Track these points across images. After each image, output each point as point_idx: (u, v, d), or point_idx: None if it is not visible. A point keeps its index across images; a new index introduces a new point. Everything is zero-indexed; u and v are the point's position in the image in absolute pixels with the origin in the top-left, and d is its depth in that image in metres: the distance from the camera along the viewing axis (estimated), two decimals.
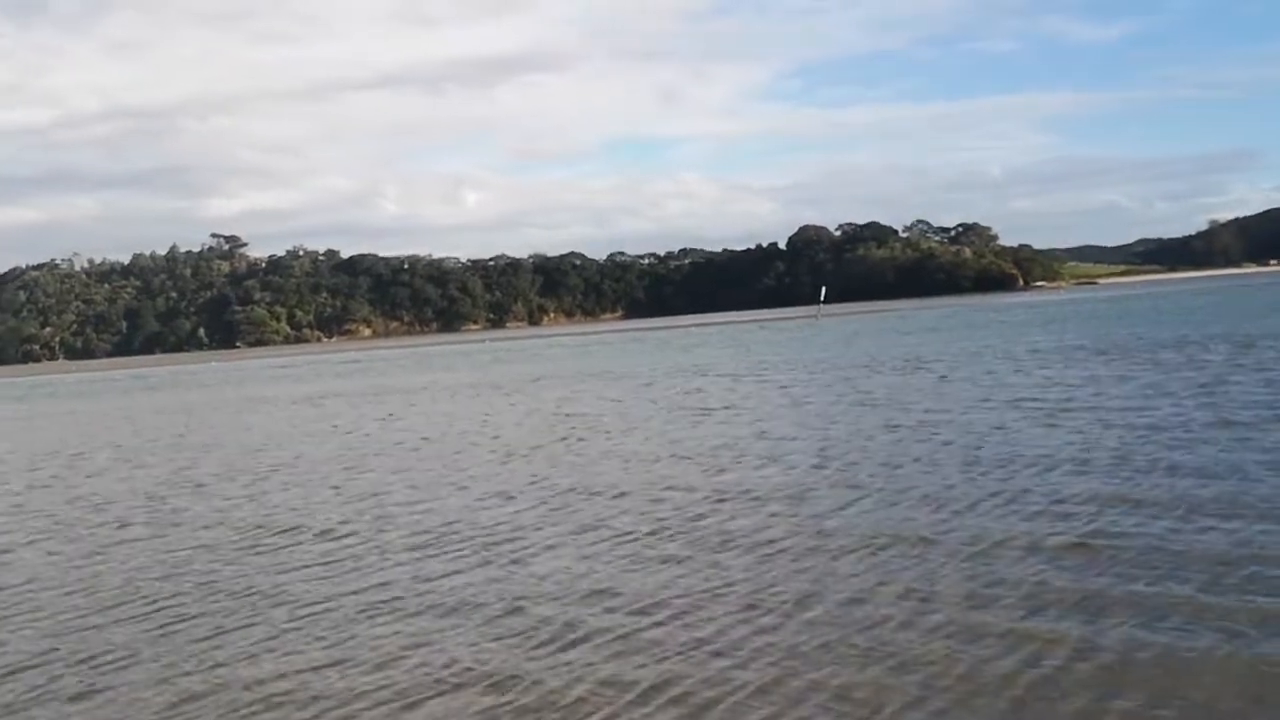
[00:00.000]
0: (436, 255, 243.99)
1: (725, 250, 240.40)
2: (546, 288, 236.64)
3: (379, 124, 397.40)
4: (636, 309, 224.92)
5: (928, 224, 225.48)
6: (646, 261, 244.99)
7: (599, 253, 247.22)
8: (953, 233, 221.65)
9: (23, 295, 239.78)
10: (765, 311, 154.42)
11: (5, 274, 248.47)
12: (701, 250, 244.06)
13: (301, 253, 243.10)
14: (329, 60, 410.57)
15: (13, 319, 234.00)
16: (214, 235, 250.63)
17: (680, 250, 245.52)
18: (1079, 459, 14.02)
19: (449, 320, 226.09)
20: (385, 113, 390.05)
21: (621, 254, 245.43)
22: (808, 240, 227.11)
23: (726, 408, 25.03)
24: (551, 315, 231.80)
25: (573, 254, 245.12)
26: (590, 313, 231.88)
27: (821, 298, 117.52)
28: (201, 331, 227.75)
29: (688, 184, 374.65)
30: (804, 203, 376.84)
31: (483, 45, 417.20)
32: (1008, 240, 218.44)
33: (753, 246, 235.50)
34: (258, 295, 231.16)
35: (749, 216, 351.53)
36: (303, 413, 34.25)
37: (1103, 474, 13.09)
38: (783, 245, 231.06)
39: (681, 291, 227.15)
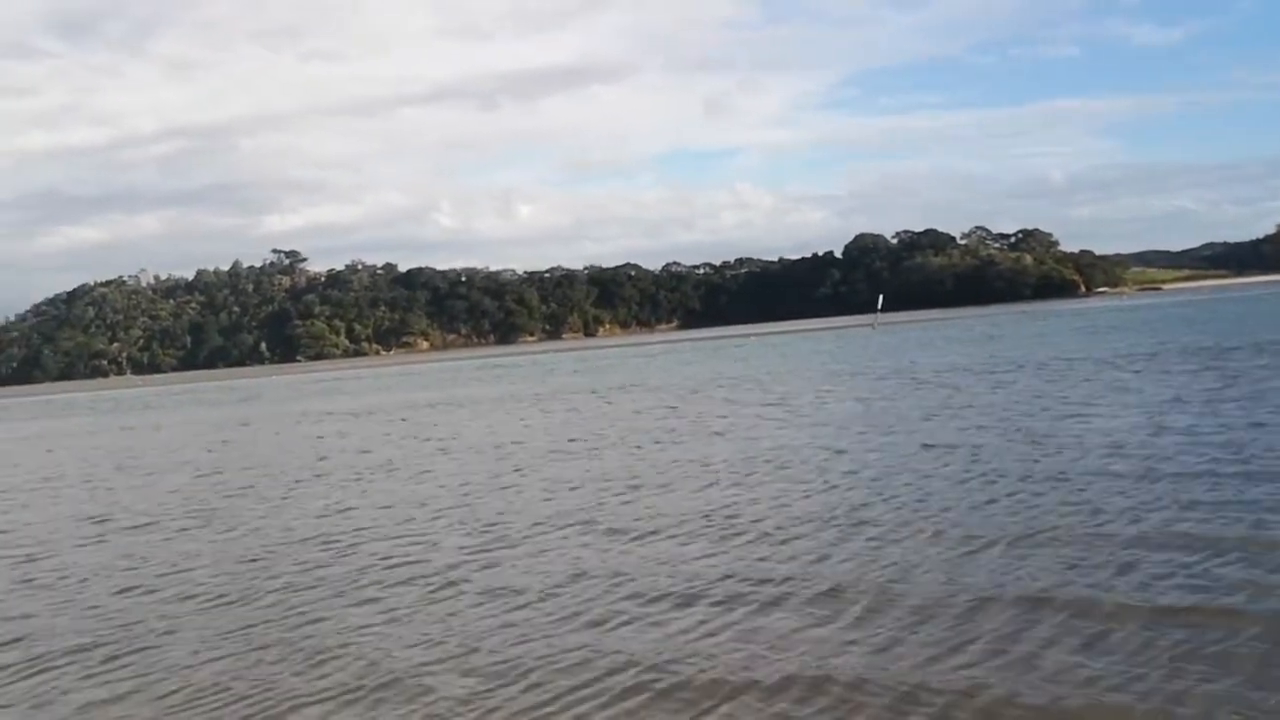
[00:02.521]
0: (492, 268, 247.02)
1: (781, 260, 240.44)
2: (602, 299, 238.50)
3: (433, 139, 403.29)
4: (692, 319, 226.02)
5: (987, 231, 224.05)
6: (702, 272, 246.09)
7: (653, 264, 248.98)
8: (1013, 239, 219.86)
9: (92, 311, 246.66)
10: (822, 320, 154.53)
11: (75, 291, 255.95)
12: (757, 260, 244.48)
13: (360, 267, 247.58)
14: (383, 76, 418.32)
15: (82, 335, 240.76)
16: (275, 251, 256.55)
17: (736, 260, 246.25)
18: None
19: (505, 332, 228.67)
20: (439, 127, 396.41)
21: (676, 264, 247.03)
22: (864, 248, 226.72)
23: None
24: (607, 326, 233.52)
25: (628, 265, 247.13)
26: (645, 323, 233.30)
27: (879, 306, 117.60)
28: (263, 346, 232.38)
29: (742, 194, 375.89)
30: (860, 211, 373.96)
31: (535, 58, 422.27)
32: (1071, 246, 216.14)
33: (808, 256, 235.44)
34: (317, 309, 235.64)
35: (804, 226, 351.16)
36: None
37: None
38: (839, 254, 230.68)
39: (737, 301, 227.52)
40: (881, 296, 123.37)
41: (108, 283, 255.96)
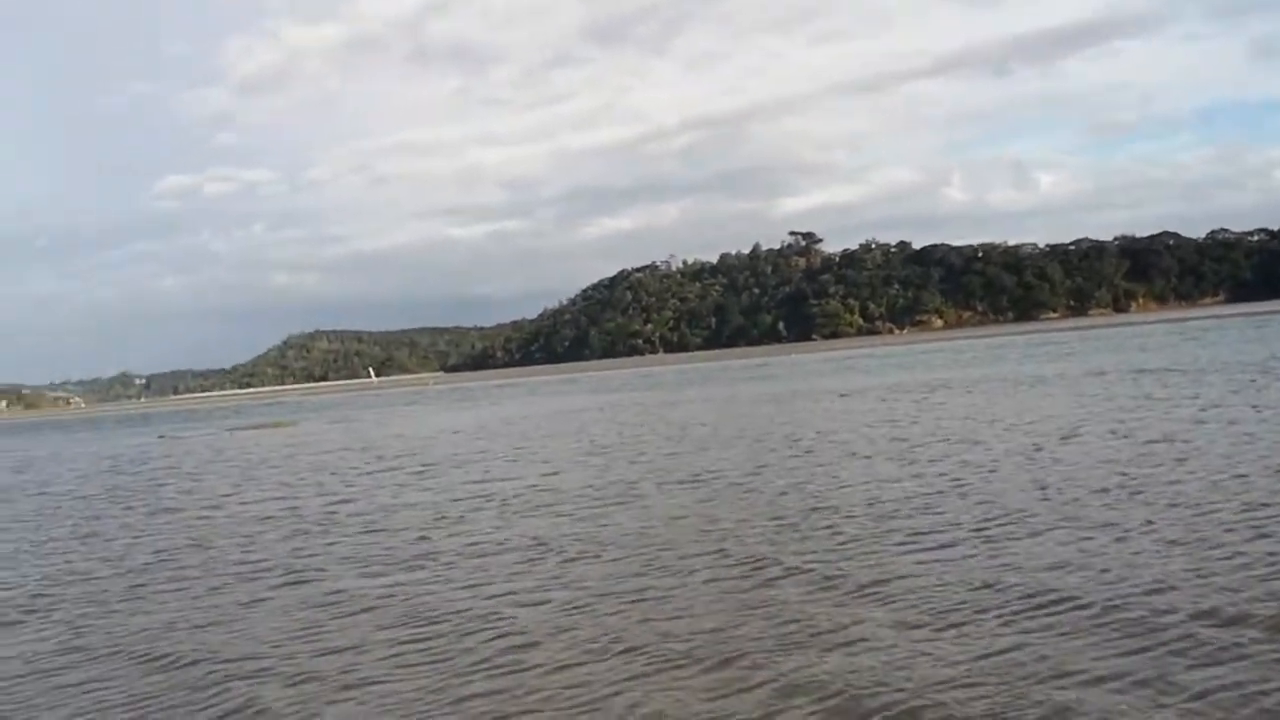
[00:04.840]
0: (1010, 242, 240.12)
1: None
2: (1134, 272, 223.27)
3: (941, 111, 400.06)
4: (1243, 292, 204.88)
5: None
6: (1255, 238, 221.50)
7: (1195, 231, 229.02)
8: None
9: (629, 295, 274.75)
10: None
11: (615, 276, 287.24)
12: None
13: (874, 246, 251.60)
14: (888, 52, 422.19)
15: (621, 316, 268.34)
16: (792, 233, 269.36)
17: None
18: None
19: (1025, 309, 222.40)
20: (947, 99, 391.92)
21: (1224, 231, 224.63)
22: None
23: None
24: (1140, 301, 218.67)
25: (1164, 233, 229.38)
26: (1186, 297, 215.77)
27: None
28: (780, 325, 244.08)
29: None
30: None
31: (1051, 18, 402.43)
32: None
33: None
34: (832, 289, 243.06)
35: None
36: None
37: None
38: None
39: None
40: None
41: (642, 268, 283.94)
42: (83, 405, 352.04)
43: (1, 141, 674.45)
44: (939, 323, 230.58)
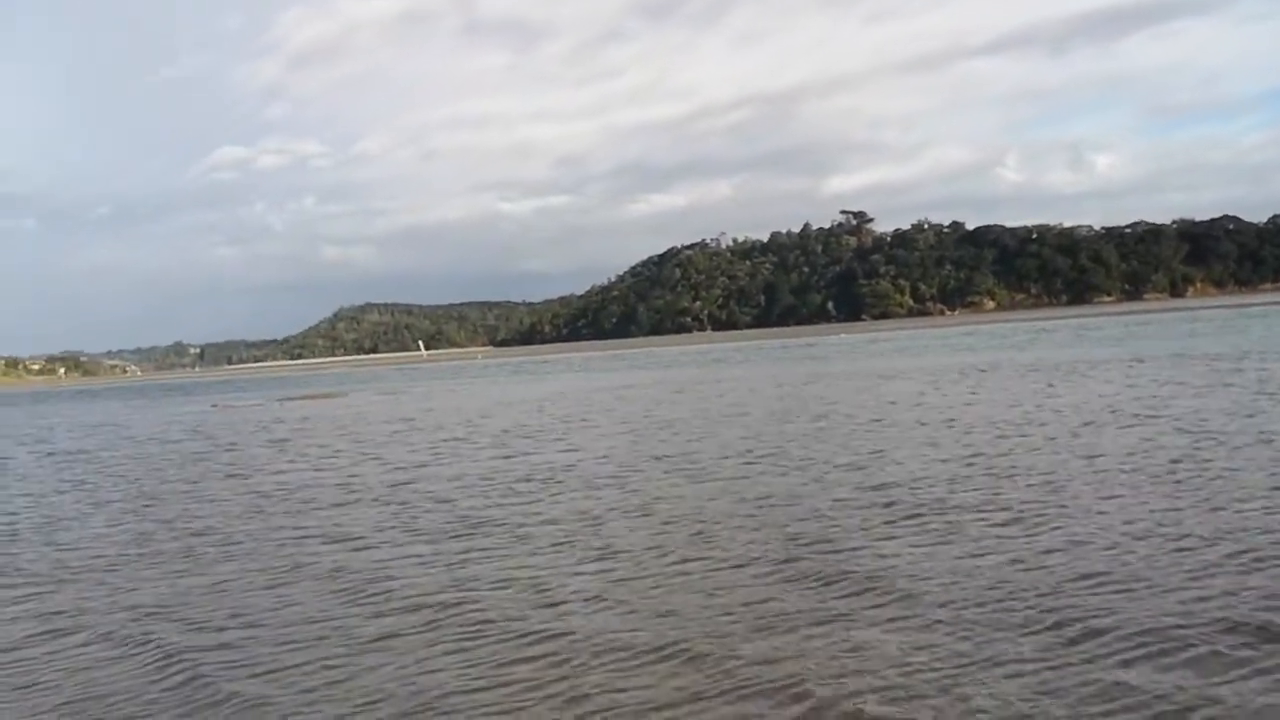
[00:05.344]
0: (1066, 224, 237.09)
1: None
2: (1192, 256, 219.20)
3: (997, 91, 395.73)
4: None
5: None
6: None
7: (1256, 216, 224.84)
8: None
9: (678, 272, 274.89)
10: None
11: (665, 254, 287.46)
12: None
13: (926, 226, 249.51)
14: (944, 30, 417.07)
15: (670, 294, 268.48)
16: (843, 212, 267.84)
17: None
18: None
19: (1079, 292, 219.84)
20: (1003, 78, 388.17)
21: None
22: None
23: None
24: (1197, 286, 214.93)
25: (1225, 217, 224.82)
26: (1245, 283, 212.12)
27: None
28: (830, 304, 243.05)
29: None
30: None
31: None
32: None
33: None
34: (883, 269, 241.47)
35: None
36: None
37: None
38: None
39: None
40: None
41: (691, 245, 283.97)
42: (138, 374, 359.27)
43: (61, 114, 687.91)
44: (991, 304, 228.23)
